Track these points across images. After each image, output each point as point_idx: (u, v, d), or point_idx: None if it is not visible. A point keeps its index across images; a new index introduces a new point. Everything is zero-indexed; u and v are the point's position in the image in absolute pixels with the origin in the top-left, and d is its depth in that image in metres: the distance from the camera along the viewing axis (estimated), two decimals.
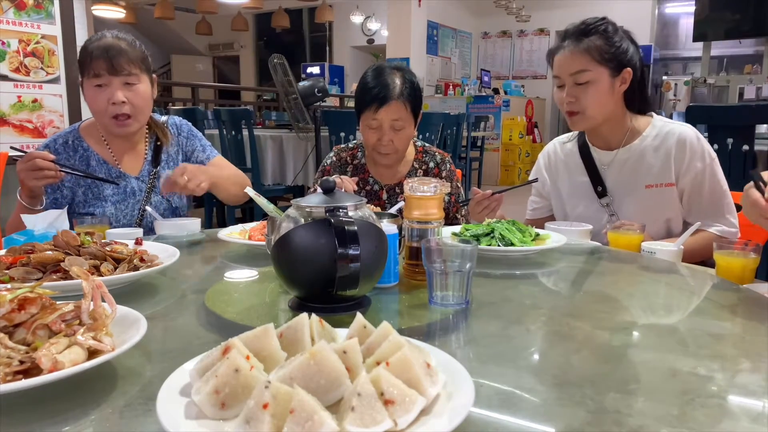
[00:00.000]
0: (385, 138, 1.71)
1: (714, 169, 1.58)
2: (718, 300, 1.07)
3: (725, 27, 8.67)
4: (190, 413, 0.53)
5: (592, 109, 1.58)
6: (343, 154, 1.93)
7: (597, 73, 1.55)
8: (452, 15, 10.65)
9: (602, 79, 1.56)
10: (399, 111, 1.69)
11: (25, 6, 2.91)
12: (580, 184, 1.72)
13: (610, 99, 1.59)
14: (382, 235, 0.92)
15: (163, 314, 0.93)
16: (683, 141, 1.58)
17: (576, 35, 1.58)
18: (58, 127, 3.05)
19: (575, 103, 1.59)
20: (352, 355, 0.55)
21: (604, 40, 1.55)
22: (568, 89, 1.59)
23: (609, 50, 1.55)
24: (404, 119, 1.71)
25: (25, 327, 0.66)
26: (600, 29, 1.56)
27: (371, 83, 1.71)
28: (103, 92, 1.60)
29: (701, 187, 1.58)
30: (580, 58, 1.56)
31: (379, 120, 1.70)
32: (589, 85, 1.56)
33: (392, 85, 1.69)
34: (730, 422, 0.59)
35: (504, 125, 9.09)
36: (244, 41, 13.36)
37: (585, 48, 1.55)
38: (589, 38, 1.56)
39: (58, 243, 1.03)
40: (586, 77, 1.55)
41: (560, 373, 0.72)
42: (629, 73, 1.57)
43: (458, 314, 0.92)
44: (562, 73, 1.60)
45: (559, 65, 1.61)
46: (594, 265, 1.34)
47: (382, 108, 1.68)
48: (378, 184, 1.88)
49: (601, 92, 1.57)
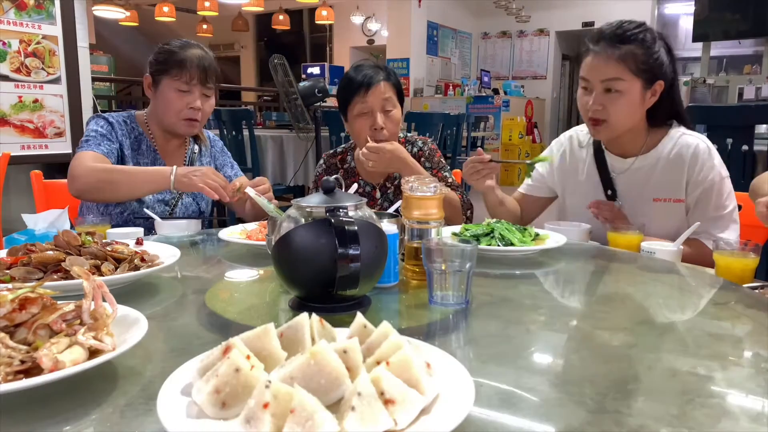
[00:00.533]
0: (378, 121, 1.73)
1: (721, 188, 1.53)
2: (718, 300, 1.07)
3: (725, 27, 8.67)
4: (191, 413, 0.53)
5: (618, 120, 1.52)
6: (332, 160, 1.96)
7: (630, 83, 1.48)
8: (452, 15, 10.65)
9: (634, 91, 1.49)
10: (387, 91, 1.73)
11: (26, 6, 2.92)
12: (589, 184, 1.70)
13: (638, 111, 1.53)
14: (382, 235, 0.92)
15: (164, 314, 0.93)
16: (696, 157, 1.53)
17: (613, 39, 1.48)
18: (59, 127, 3.05)
19: (602, 111, 1.51)
20: (352, 355, 0.55)
21: (643, 50, 1.47)
22: (597, 95, 1.51)
23: (647, 61, 1.47)
24: (392, 101, 1.75)
25: (26, 327, 0.66)
26: (639, 37, 1.48)
27: (354, 75, 1.76)
28: (185, 97, 1.75)
29: (706, 203, 1.54)
30: (615, 65, 1.47)
31: (369, 103, 1.72)
32: (620, 95, 1.49)
33: (374, 71, 1.75)
34: (730, 422, 0.59)
35: (504, 125, 9.09)
36: (245, 42, 13.37)
37: (622, 55, 1.46)
38: (628, 46, 1.47)
39: (59, 243, 1.03)
40: (618, 86, 1.48)
41: (560, 373, 0.72)
42: (661, 85, 1.51)
43: (458, 314, 0.92)
44: (593, 77, 1.52)
45: (590, 69, 1.53)
46: (594, 265, 1.34)
47: (370, 90, 1.71)
48: (369, 185, 1.89)
49: (631, 104, 1.50)
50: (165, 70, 1.74)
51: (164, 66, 1.74)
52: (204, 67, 1.75)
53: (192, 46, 1.78)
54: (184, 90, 1.74)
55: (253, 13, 11.74)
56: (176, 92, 1.74)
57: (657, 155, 1.59)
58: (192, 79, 1.73)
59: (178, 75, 1.73)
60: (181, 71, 1.72)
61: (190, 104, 1.75)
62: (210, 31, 11.57)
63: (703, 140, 1.57)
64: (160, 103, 1.77)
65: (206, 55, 1.78)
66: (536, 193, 1.85)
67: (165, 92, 1.75)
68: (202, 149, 1.94)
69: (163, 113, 1.78)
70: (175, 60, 1.73)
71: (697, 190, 1.55)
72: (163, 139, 1.85)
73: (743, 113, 2.98)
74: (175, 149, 1.89)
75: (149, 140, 1.82)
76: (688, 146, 1.55)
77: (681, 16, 10.35)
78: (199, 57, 1.75)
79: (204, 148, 1.94)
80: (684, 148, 1.56)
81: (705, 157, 1.54)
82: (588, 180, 1.71)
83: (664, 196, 1.58)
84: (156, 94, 1.78)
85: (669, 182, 1.57)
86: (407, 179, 1.07)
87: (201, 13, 9.71)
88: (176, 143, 1.88)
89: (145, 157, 1.81)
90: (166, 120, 1.79)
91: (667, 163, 1.57)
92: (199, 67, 1.74)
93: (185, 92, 1.74)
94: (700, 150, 1.54)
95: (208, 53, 1.80)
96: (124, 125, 1.79)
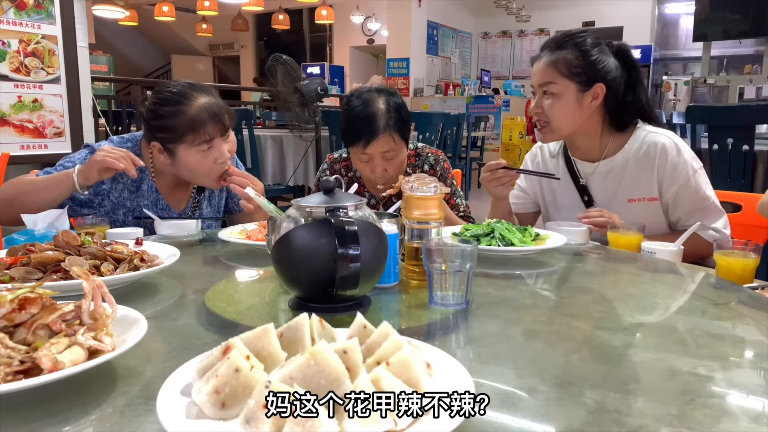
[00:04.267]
0: (378, 170, 1.67)
1: (697, 181, 1.55)
2: (718, 300, 1.07)
3: (725, 27, 8.67)
4: (191, 413, 0.53)
5: (557, 121, 1.58)
6: (336, 165, 1.89)
7: (563, 86, 1.55)
8: (452, 15, 10.65)
9: (568, 93, 1.55)
10: (388, 143, 1.63)
11: (26, 6, 2.91)
12: (565, 192, 1.72)
13: (577, 113, 1.57)
14: (382, 235, 0.92)
15: (164, 314, 0.93)
16: (665, 154, 1.55)
17: (552, 46, 1.58)
18: (59, 127, 3.05)
19: (541, 113, 1.59)
20: (352, 355, 0.55)
21: (577, 54, 1.54)
22: (536, 99, 1.60)
23: (579, 64, 1.54)
24: (395, 149, 1.66)
25: (26, 327, 0.66)
26: (576, 41, 1.55)
27: (358, 117, 1.63)
28: (209, 155, 1.54)
29: (684, 199, 1.56)
30: (548, 70, 1.56)
31: (369, 154, 1.65)
32: (554, 98, 1.56)
33: (378, 116, 1.61)
34: (730, 422, 0.59)
35: (504, 125, 9.08)
36: (245, 41, 13.37)
37: (554, 60, 1.55)
38: (561, 51, 1.55)
39: (59, 243, 1.03)
40: (552, 89, 1.56)
41: (560, 373, 0.72)
42: (602, 88, 1.55)
43: (458, 314, 0.92)
44: (534, 82, 1.62)
45: (532, 75, 1.64)
46: (594, 265, 1.34)
47: (371, 144, 1.62)
48: (374, 198, 1.84)
49: (567, 106, 1.56)
50: (177, 138, 1.52)
51: (175, 134, 1.51)
52: (220, 117, 1.54)
53: (196, 95, 1.53)
54: (206, 149, 1.53)
55: (253, 13, 11.75)
56: (199, 155, 1.53)
57: (625, 157, 1.61)
58: (212, 138, 1.52)
59: (196, 140, 1.51)
60: (197, 134, 1.51)
61: (218, 160, 1.55)
62: (209, 30, 11.58)
63: (670, 136, 1.59)
64: (184, 170, 1.57)
65: (214, 101, 1.56)
66: (523, 209, 1.87)
67: (185, 159, 1.54)
68: None
69: (190, 178, 1.61)
70: (186, 123, 1.50)
71: (673, 187, 1.56)
72: (168, 178, 1.66)
73: (743, 113, 2.98)
74: (179, 187, 1.70)
75: (151, 179, 1.64)
76: (656, 144, 1.57)
77: (681, 16, 10.35)
78: (209, 107, 1.53)
79: None
80: (651, 146, 1.58)
81: (674, 153, 1.55)
82: (564, 188, 1.72)
83: (638, 196, 1.61)
84: (174, 161, 1.56)
85: (640, 182, 1.59)
86: (407, 179, 1.07)
87: (201, 12, 9.72)
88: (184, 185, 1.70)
89: (145, 198, 1.63)
90: (195, 182, 1.64)
91: (636, 164, 1.59)
92: (214, 119, 1.52)
93: (208, 150, 1.53)
94: (668, 147, 1.56)
95: (214, 95, 1.58)
96: None
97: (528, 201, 1.85)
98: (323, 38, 12.40)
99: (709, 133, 2.79)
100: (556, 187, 1.74)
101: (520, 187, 1.86)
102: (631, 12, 9.70)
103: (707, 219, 1.55)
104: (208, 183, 1.62)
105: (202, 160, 1.54)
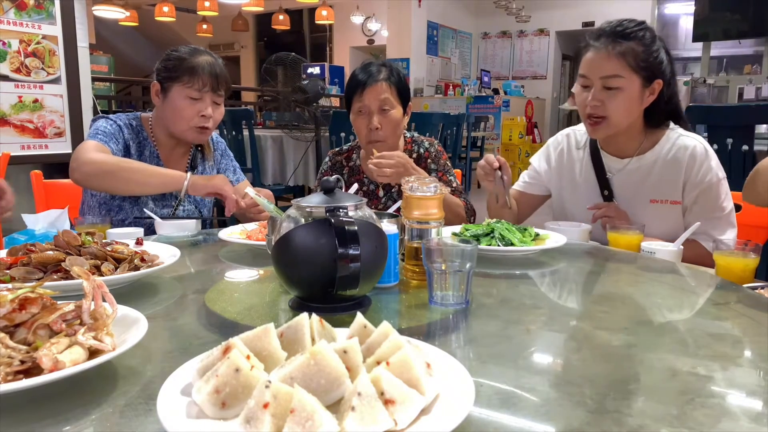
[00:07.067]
0: (373, 121, 1.74)
1: (719, 190, 1.53)
2: (718, 300, 1.07)
3: (725, 27, 8.67)
4: (191, 413, 0.53)
5: (617, 117, 1.51)
6: (337, 157, 1.97)
7: (629, 80, 1.47)
8: (452, 15, 10.65)
9: (633, 88, 1.48)
10: (383, 91, 1.73)
11: (26, 6, 2.92)
12: (585, 185, 1.69)
13: (636, 109, 1.52)
14: (382, 235, 0.92)
15: (164, 314, 0.93)
16: (693, 159, 1.53)
17: (612, 36, 1.48)
18: (59, 127, 3.05)
19: (600, 107, 1.51)
20: (352, 355, 0.55)
21: (643, 48, 1.47)
22: (595, 92, 1.51)
23: (646, 58, 1.47)
24: (390, 102, 1.74)
25: (26, 327, 0.66)
26: (639, 35, 1.48)
27: (357, 73, 1.78)
28: (196, 104, 1.72)
29: (704, 204, 1.54)
30: (614, 61, 1.47)
31: (366, 103, 1.74)
32: (618, 92, 1.48)
33: (376, 71, 1.76)
34: (730, 422, 0.59)
35: (504, 125, 9.08)
36: (245, 42, 13.36)
37: (621, 52, 1.47)
38: (627, 42, 1.47)
39: (59, 243, 1.03)
40: (617, 83, 1.48)
41: (560, 373, 0.72)
42: (659, 84, 1.50)
43: (458, 314, 0.92)
44: (592, 74, 1.51)
45: (589, 65, 1.52)
46: (594, 265, 1.34)
47: (367, 89, 1.73)
48: (374, 184, 1.90)
49: (630, 101, 1.49)
50: (175, 77, 1.71)
51: (174, 73, 1.71)
52: (215, 74, 1.73)
53: (202, 53, 1.76)
54: (195, 97, 1.71)
55: (253, 13, 11.74)
56: (187, 100, 1.71)
57: (654, 157, 1.59)
58: (204, 87, 1.70)
59: (190, 82, 1.70)
60: (192, 78, 1.69)
61: (201, 112, 1.72)
62: (210, 31, 11.57)
63: (701, 142, 1.56)
64: (170, 111, 1.74)
65: (216, 62, 1.76)
66: (532, 191, 1.85)
67: (175, 100, 1.72)
68: (205, 156, 1.92)
69: (172, 121, 1.75)
70: (186, 67, 1.70)
71: (695, 192, 1.54)
72: (168, 146, 1.83)
73: (743, 113, 2.98)
74: (179, 157, 1.86)
75: (152, 145, 1.80)
76: (686, 148, 1.55)
77: (681, 16, 10.35)
78: (210, 64, 1.73)
79: (207, 155, 1.92)
80: (681, 149, 1.55)
81: (702, 158, 1.53)
82: (584, 180, 1.70)
83: (660, 198, 1.58)
84: (165, 101, 1.74)
85: (666, 184, 1.57)
86: (407, 179, 1.07)
87: (201, 13, 9.71)
88: (180, 151, 1.86)
89: (148, 161, 1.77)
90: (175, 128, 1.76)
91: (664, 165, 1.57)
92: (211, 74, 1.72)
93: (196, 100, 1.71)
94: (698, 152, 1.54)
95: (217, 60, 1.78)
96: (131, 128, 1.77)
97: (539, 183, 1.83)
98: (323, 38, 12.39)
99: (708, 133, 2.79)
100: (577, 177, 1.72)
101: (535, 168, 1.83)
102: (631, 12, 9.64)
103: (716, 229, 1.53)
104: (186, 131, 1.75)
105: (188, 106, 1.71)
